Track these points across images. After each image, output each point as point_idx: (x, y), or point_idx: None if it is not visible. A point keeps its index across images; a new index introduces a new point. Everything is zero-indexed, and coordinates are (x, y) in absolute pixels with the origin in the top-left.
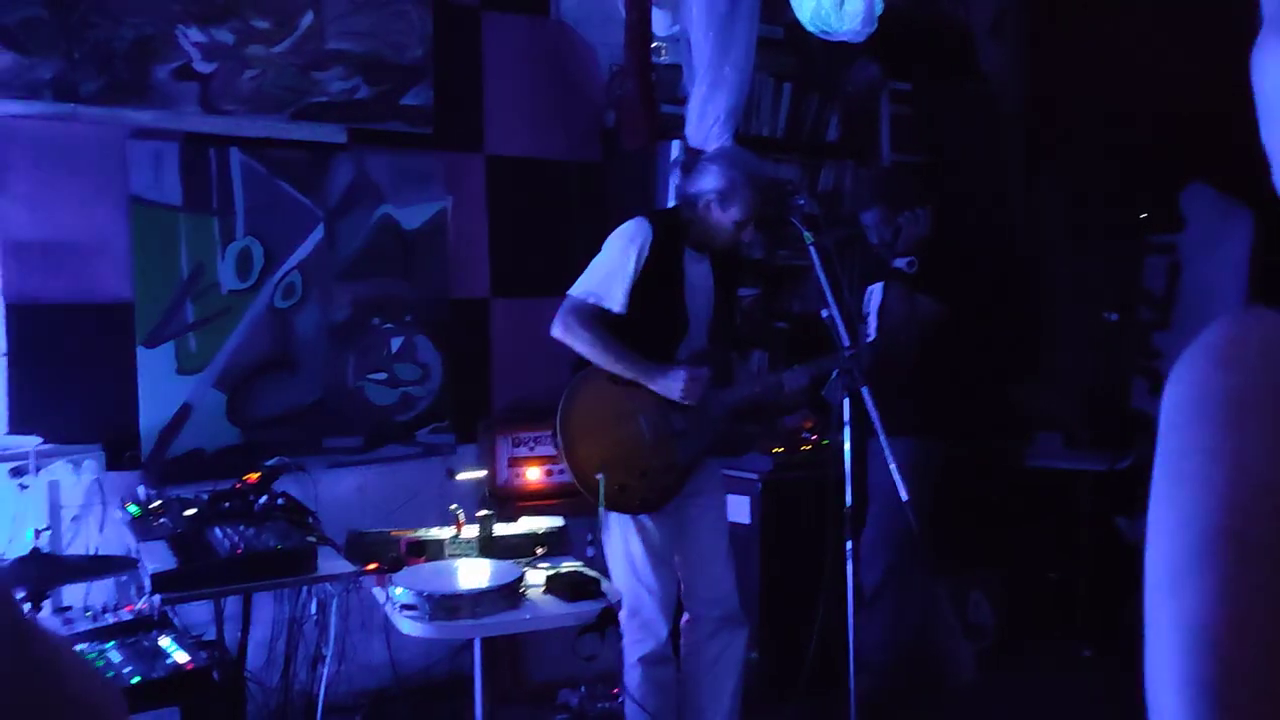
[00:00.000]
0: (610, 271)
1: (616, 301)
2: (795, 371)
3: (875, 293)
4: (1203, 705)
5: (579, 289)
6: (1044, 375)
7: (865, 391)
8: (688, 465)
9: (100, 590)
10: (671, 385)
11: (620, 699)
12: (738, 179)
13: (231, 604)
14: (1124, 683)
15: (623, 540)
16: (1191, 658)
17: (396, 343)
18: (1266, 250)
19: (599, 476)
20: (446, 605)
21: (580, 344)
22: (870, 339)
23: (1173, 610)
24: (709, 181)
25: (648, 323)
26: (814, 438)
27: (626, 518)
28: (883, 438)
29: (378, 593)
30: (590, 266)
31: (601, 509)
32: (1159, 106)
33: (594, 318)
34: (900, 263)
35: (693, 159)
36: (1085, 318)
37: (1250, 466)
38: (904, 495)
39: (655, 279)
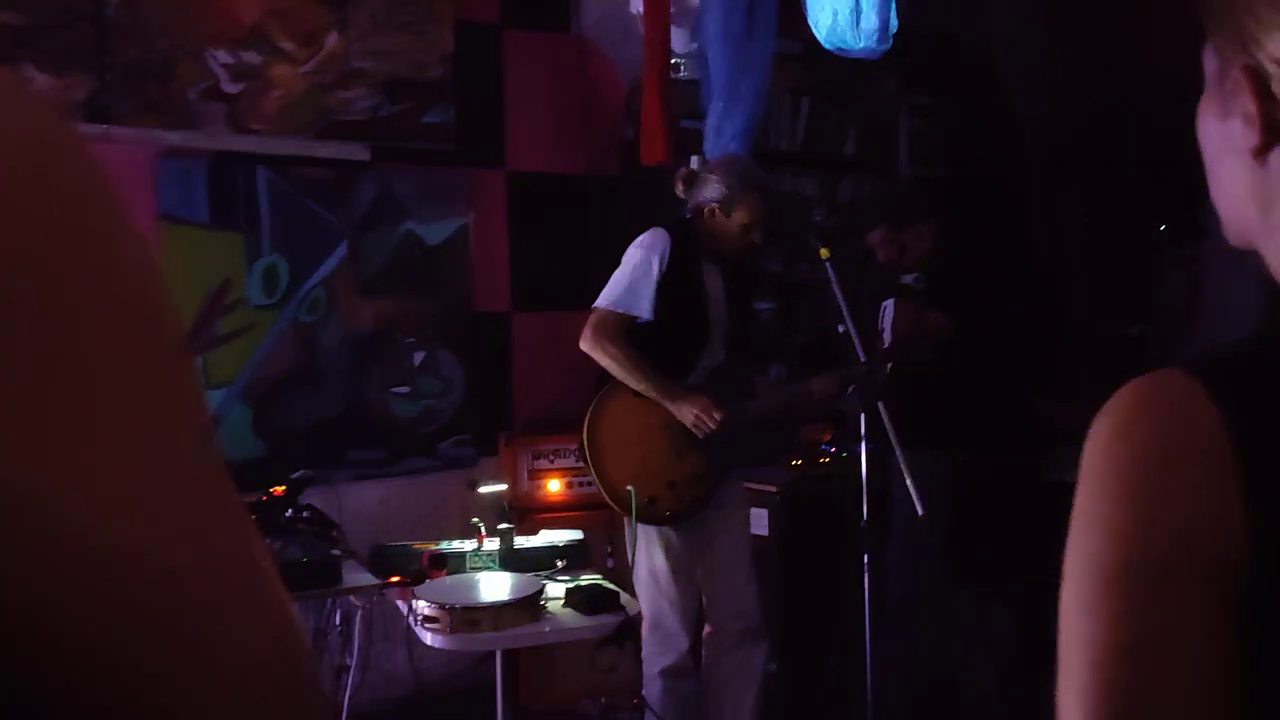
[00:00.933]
0: (635, 280)
1: (644, 309)
2: (824, 377)
3: (888, 309)
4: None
5: (605, 301)
6: (1065, 389)
7: (881, 405)
8: (715, 476)
9: None
10: (685, 412)
11: (642, 710)
12: (736, 183)
13: None
14: None
15: (646, 553)
16: (1086, 683)
17: (419, 356)
18: None
19: (629, 489)
20: (468, 618)
21: (607, 359)
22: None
23: (1072, 652)
24: (709, 190)
25: (670, 332)
26: (832, 450)
27: (651, 531)
28: (898, 451)
29: (401, 605)
30: (613, 278)
31: (632, 522)
32: (1180, 118)
33: (622, 330)
34: (908, 279)
35: (692, 173)
36: (1106, 331)
37: (1140, 523)
38: (920, 510)
39: (675, 288)
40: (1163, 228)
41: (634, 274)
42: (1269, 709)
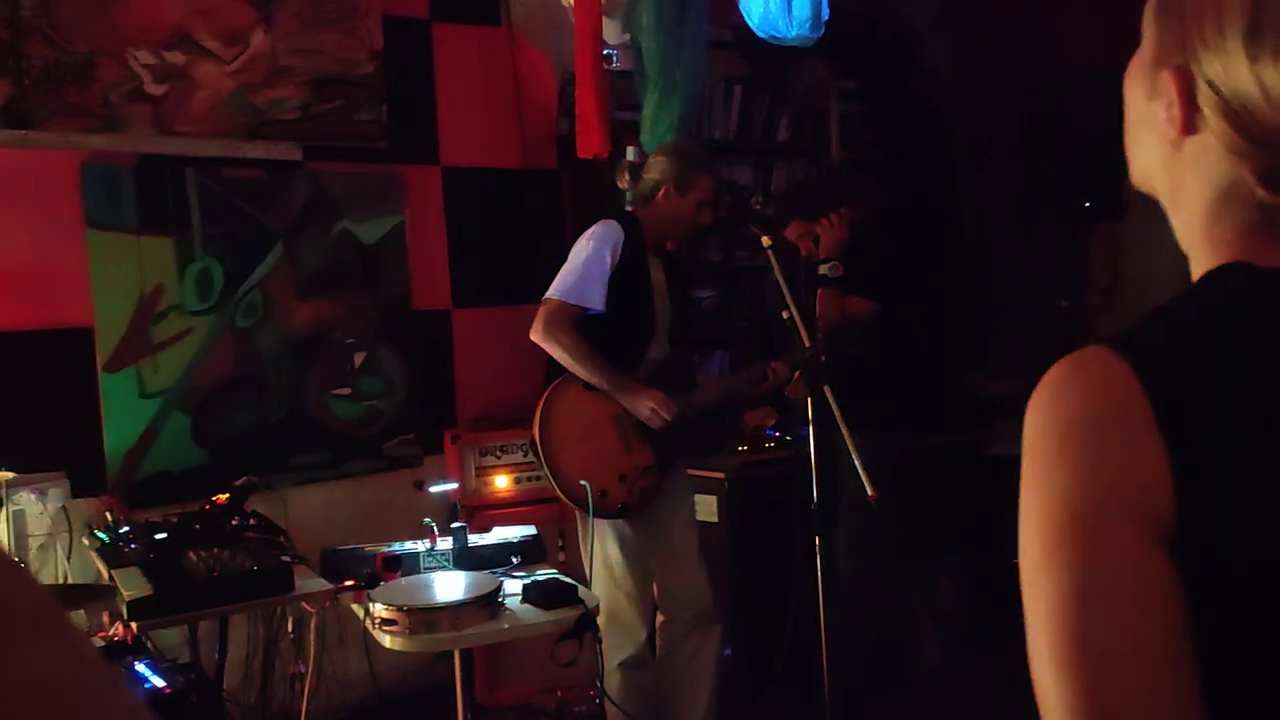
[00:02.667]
0: (587, 272)
1: (596, 301)
2: (779, 362)
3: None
4: (1067, 675)
5: (557, 291)
6: (998, 364)
7: (827, 389)
8: (663, 466)
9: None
10: (639, 406)
11: (597, 701)
12: (687, 160)
13: (205, 625)
14: None
15: (601, 547)
16: (1053, 641)
17: (359, 357)
18: None
19: (584, 483)
20: (426, 619)
21: (558, 349)
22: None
23: (1035, 602)
24: (659, 172)
25: (618, 325)
26: (776, 434)
27: (604, 524)
28: (847, 435)
29: (356, 609)
30: (565, 269)
31: (588, 515)
32: (1100, 97)
33: (573, 321)
34: (824, 268)
35: (635, 163)
36: (1036, 306)
37: (1079, 478)
38: (869, 491)
39: (625, 281)
40: (1087, 204)
41: (587, 266)
42: (1204, 635)
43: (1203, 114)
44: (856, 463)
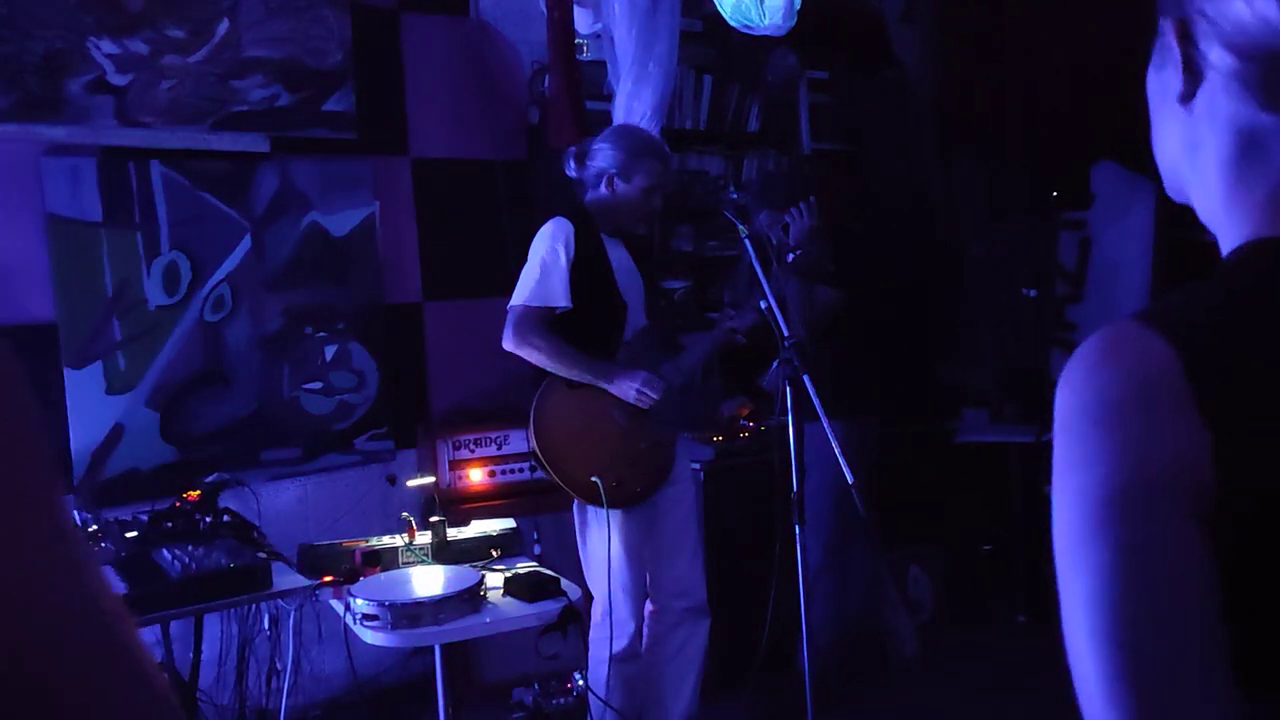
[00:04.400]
0: (545, 272)
1: (560, 297)
2: (741, 313)
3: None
4: (1109, 649)
5: (520, 298)
6: (968, 353)
7: (806, 378)
8: (670, 439)
9: None
10: (627, 389)
11: (575, 694)
12: (630, 146)
13: (178, 623)
14: (1059, 644)
15: (599, 539)
16: (1094, 616)
17: (330, 351)
18: (1169, 223)
19: (595, 480)
20: (409, 613)
21: (534, 353)
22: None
23: (1076, 579)
24: (603, 159)
25: (590, 315)
26: (751, 425)
27: (602, 515)
28: (826, 423)
29: (335, 604)
30: (524, 274)
31: (580, 508)
32: (1067, 87)
33: (543, 323)
34: (790, 258)
35: (583, 149)
36: (1005, 294)
37: (1122, 458)
38: (849, 478)
39: (585, 271)
40: (1055, 193)
41: (543, 266)
42: (1238, 615)
43: (1206, 55)
44: (836, 451)
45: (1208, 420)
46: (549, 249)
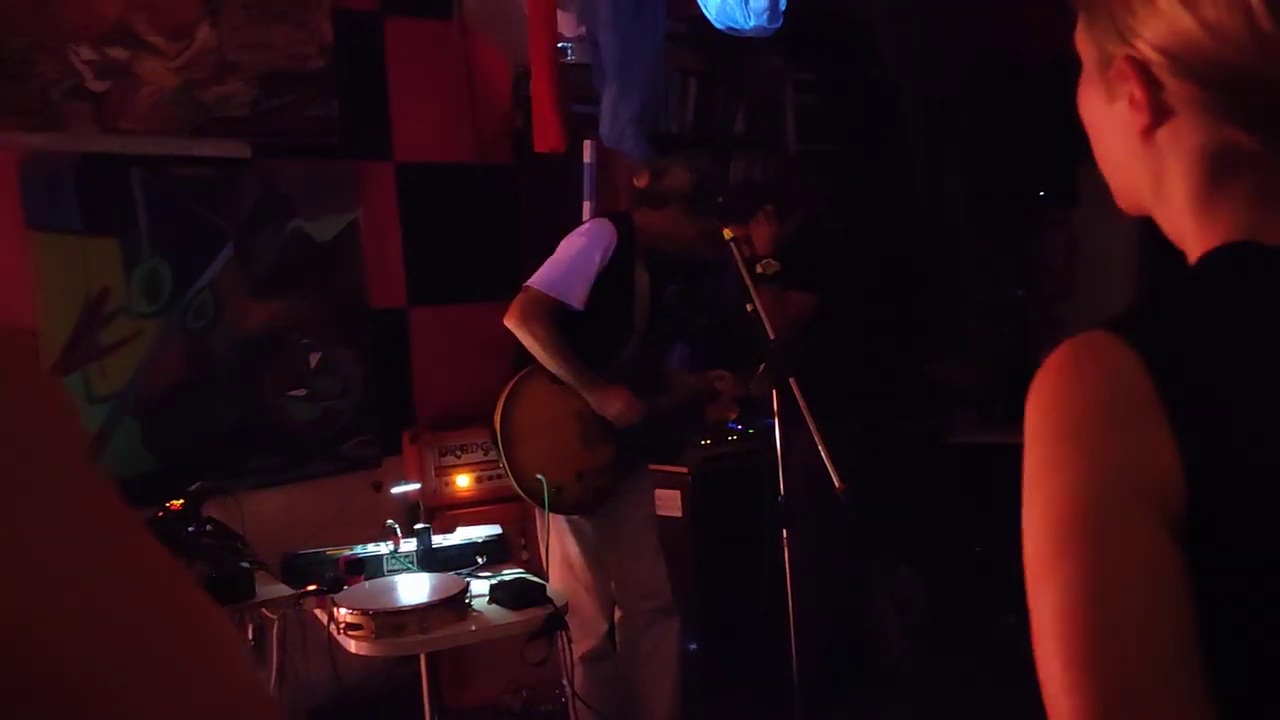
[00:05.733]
0: (573, 268)
1: (577, 299)
2: (737, 381)
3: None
4: (1075, 664)
5: (538, 282)
6: (956, 353)
7: (793, 381)
8: (622, 467)
9: None
10: (608, 405)
11: (563, 700)
12: (711, 190)
13: None
14: None
15: (559, 541)
16: (1061, 629)
17: (315, 358)
18: (1154, 222)
19: (539, 477)
20: (393, 622)
21: (531, 339)
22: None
23: (1044, 592)
24: (681, 183)
25: (596, 326)
26: (739, 428)
27: (562, 519)
28: (811, 425)
29: (320, 614)
30: (551, 261)
31: (542, 511)
32: (1052, 87)
33: (551, 314)
34: (759, 266)
35: (660, 165)
36: (992, 294)
37: (1090, 469)
38: (837, 483)
39: (610, 283)
40: (1041, 193)
41: (573, 262)
42: (1211, 625)
43: (1165, 87)
44: (823, 454)
45: (1175, 429)
46: (586, 248)
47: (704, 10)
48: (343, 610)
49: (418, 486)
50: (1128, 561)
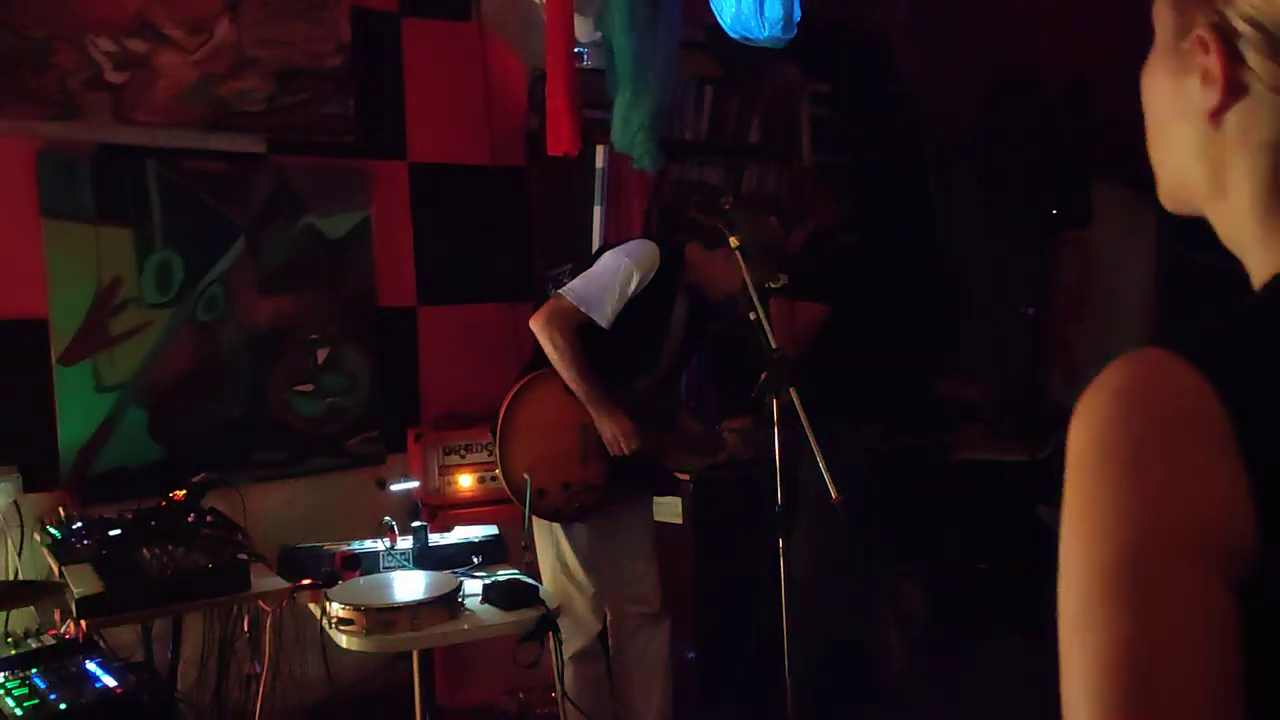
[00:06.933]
0: (607, 286)
1: (605, 318)
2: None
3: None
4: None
5: (571, 293)
6: (966, 369)
7: (793, 391)
8: (610, 493)
9: (20, 615)
10: (606, 427)
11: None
12: (767, 248)
13: (160, 623)
14: (1049, 666)
15: (551, 541)
16: (1099, 693)
17: (322, 354)
18: (1173, 244)
19: (526, 476)
20: (384, 619)
21: (551, 347)
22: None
23: (1083, 647)
24: (740, 233)
25: (621, 347)
26: (746, 436)
27: (548, 522)
28: (811, 436)
29: (314, 608)
30: (589, 274)
31: (525, 509)
32: (1069, 105)
33: (575, 325)
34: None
35: (714, 202)
36: (1003, 311)
37: (1144, 504)
38: (834, 494)
39: (644, 310)
40: (1055, 211)
41: (610, 281)
42: (1265, 686)
43: (1247, 65)
44: (820, 464)
45: (1249, 466)
46: (626, 270)
47: (718, 19)
48: (335, 605)
49: (417, 484)
50: (1180, 616)
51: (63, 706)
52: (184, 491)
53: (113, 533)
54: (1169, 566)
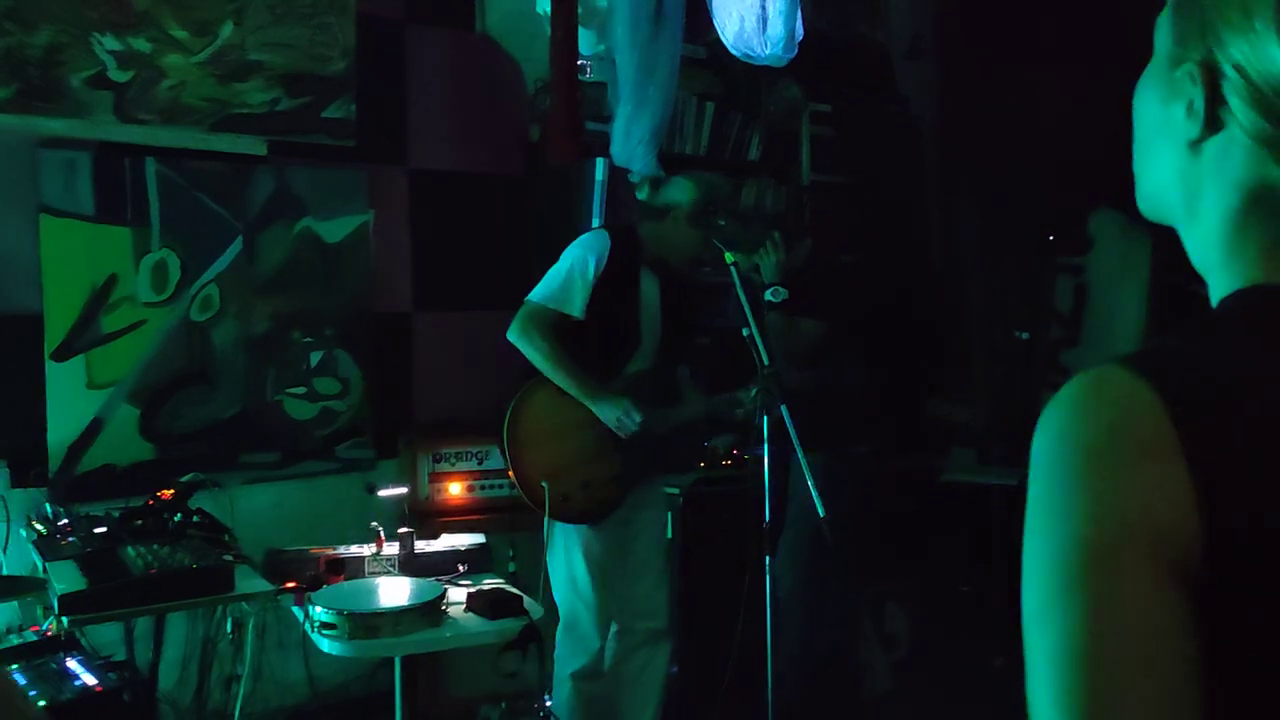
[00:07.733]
0: (569, 278)
1: (576, 307)
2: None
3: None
4: (1072, 714)
5: (538, 295)
6: (958, 391)
7: (784, 409)
8: (630, 480)
9: (2, 611)
10: (609, 414)
11: (542, 714)
12: (712, 199)
13: (143, 623)
14: None
15: (565, 553)
16: (1058, 675)
17: (316, 357)
18: (1167, 270)
19: (544, 484)
20: (367, 624)
21: (533, 351)
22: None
23: (1043, 639)
24: (680, 194)
25: (602, 335)
26: (735, 453)
27: (570, 531)
28: (800, 454)
29: (297, 611)
30: (549, 274)
31: (546, 519)
32: (1068, 130)
33: (552, 325)
34: (768, 293)
35: (660, 178)
36: (997, 335)
37: (1099, 506)
38: (821, 512)
39: (611, 291)
40: (1051, 236)
41: (569, 272)
42: (1225, 691)
43: (1228, 106)
44: (809, 482)
45: (1194, 471)
46: (581, 257)
47: (721, 36)
48: (318, 609)
49: (405, 490)
50: (1131, 609)
51: (42, 703)
52: (172, 491)
53: (98, 530)
54: (1121, 568)
